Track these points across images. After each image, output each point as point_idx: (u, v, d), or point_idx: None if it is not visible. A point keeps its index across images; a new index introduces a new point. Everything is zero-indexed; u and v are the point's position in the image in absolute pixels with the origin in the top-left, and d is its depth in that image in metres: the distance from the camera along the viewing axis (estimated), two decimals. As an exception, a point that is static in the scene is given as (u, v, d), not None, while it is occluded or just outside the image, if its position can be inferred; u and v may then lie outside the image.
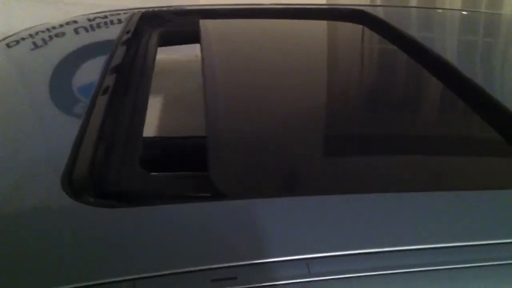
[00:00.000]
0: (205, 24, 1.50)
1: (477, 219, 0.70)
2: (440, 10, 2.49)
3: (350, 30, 1.66)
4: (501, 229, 0.68)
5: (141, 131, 0.92)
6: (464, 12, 2.27)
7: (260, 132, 0.96)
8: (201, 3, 2.14)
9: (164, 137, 1.80)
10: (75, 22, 1.63)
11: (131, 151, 0.84)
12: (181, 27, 1.57)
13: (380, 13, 2.00)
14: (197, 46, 2.23)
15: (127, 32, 1.30)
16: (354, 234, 0.66)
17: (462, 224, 0.69)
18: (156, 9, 1.63)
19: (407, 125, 1.07)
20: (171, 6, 1.72)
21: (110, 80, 1.02)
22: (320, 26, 1.68)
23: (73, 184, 0.72)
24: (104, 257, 0.61)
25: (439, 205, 0.73)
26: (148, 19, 1.50)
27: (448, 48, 1.47)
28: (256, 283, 0.59)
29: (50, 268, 0.60)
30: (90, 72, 1.14)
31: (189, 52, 2.31)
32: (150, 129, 1.07)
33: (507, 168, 0.90)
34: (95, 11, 1.70)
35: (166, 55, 1.92)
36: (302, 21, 1.67)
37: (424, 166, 0.91)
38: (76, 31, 1.58)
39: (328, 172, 0.87)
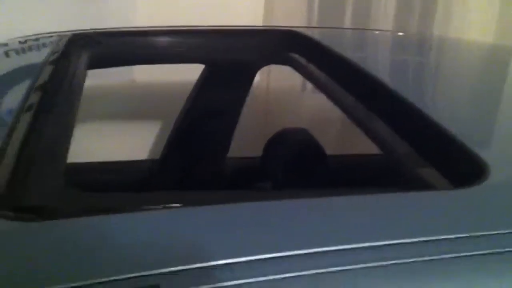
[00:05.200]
0: None
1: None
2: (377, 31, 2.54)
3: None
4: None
5: (67, 147, 0.90)
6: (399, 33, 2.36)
7: None
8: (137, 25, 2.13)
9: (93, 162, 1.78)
10: (5, 45, 1.59)
11: (53, 166, 0.82)
12: (113, 49, 1.55)
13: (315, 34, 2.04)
14: (132, 69, 2.22)
15: (54, 53, 1.28)
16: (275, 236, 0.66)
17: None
18: (90, 30, 1.61)
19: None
20: (105, 28, 1.70)
21: (34, 99, 1.00)
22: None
23: None
24: (22, 269, 0.59)
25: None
26: (78, 41, 1.47)
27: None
28: None
29: None
30: (19, 93, 1.11)
31: (125, 76, 2.29)
32: (80, 151, 1.05)
33: None
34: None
35: (101, 79, 1.90)
36: None
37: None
38: (6, 54, 1.54)
39: None
